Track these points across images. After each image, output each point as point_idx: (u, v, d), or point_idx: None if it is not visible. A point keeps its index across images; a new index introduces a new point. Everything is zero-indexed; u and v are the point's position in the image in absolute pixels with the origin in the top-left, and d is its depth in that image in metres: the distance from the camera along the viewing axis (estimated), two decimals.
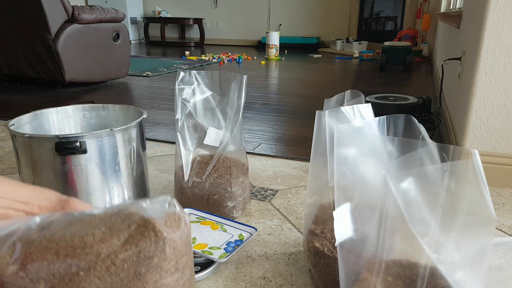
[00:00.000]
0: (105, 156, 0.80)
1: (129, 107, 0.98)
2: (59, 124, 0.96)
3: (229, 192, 0.96)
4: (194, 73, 0.97)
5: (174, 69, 3.74)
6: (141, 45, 6.65)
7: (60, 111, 0.96)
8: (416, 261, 0.54)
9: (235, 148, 0.97)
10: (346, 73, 3.74)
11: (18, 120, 0.86)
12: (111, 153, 0.81)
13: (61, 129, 0.97)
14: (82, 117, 0.99)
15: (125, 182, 0.85)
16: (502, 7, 1.10)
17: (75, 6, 2.58)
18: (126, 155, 0.84)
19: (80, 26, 2.59)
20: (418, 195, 0.51)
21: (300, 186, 1.20)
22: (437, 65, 3.24)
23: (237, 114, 0.95)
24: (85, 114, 0.99)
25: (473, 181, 0.49)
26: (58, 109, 0.96)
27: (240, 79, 0.94)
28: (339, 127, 0.58)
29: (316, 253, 0.71)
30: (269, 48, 4.88)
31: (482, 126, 1.21)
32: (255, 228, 0.87)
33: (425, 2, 5.04)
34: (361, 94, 0.77)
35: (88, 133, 0.77)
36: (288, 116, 2.09)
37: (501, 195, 1.17)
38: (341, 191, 0.56)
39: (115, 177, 0.83)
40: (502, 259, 0.82)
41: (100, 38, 2.74)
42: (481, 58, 1.16)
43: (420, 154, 0.53)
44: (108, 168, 0.81)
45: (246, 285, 0.75)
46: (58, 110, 0.95)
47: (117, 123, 0.99)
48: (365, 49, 5.41)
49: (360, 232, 0.56)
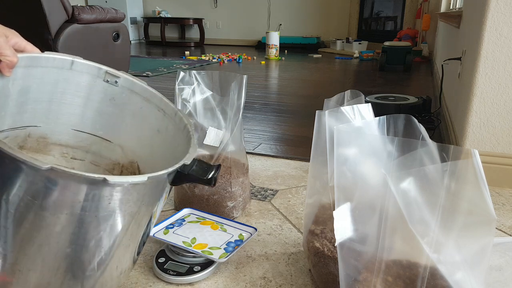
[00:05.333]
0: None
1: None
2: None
3: (229, 192, 0.96)
4: (194, 73, 0.97)
5: (174, 69, 3.74)
6: (141, 45, 6.66)
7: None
8: (416, 261, 0.54)
9: (235, 148, 0.97)
10: (346, 73, 3.74)
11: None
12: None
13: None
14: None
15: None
16: (502, 7, 1.10)
17: (75, 6, 2.58)
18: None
19: (80, 26, 2.59)
20: (418, 195, 0.51)
21: (300, 186, 1.20)
22: (437, 65, 3.24)
23: (237, 114, 0.95)
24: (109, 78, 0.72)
25: (473, 181, 0.49)
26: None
27: (240, 79, 0.94)
28: (339, 127, 0.58)
29: (316, 253, 0.71)
30: (269, 48, 4.88)
31: (482, 126, 1.21)
32: (255, 228, 0.87)
33: (425, 2, 5.04)
34: (361, 94, 0.77)
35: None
36: (288, 116, 2.09)
37: (501, 195, 1.17)
38: (341, 191, 0.56)
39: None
40: (502, 259, 0.82)
41: (100, 38, 2.74)
42: (481, 58, 1.16)
43: (420, 154, 0.53)
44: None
45: (246, 285, 0.75)
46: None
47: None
48: (365, 49, 5.41)
49: (360, 232, 0.56)
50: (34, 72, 0.63)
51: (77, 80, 0.68)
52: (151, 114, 0.71)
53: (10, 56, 0.56)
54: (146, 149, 0.73)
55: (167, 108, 0.70)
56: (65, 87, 0.68)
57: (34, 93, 0.65)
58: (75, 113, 0.72)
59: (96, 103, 0.72)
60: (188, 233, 0.84)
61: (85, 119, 0.73)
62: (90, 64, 0.68)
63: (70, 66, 0.66)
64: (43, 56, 0.63)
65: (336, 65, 4.31)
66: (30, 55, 0.61)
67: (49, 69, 0.64)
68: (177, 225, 0.87)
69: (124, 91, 0.71)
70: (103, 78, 0.69)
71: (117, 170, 0.76)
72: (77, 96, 0.70)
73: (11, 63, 0.57)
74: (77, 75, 0.67)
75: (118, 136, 0.75)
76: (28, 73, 0.62)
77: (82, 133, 0.73)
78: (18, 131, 0.66)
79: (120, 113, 0.73)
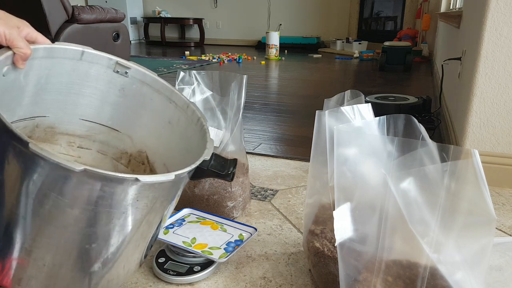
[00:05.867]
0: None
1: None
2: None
3: (229, 192, 0.96)
4: (194, 73, 0.97)
5: (174, 69, 3.74)
6: (141, 45, 6.66)
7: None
8: (416, 261, 0.54)
9: (235, 148, 0.97)
10: (346, 73, 3.74)
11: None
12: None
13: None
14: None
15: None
16: (502, 7, 1.10)
17: (75, 6, 2.58)
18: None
19: (80, 26, 2.59)
20: (418, 195, 0.51)
21: (300, 186, 1.20)
22: (437, 65, 3.24)
23: (237, 114, 0.95)
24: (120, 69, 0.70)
25: (473, 181, 0.49)
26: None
27: (240, 79, 0.94)
28: (339, 127, 0.58)
29: (316, 253, 0.71)
30: (269, 48, 4.88)
31: (482, 126, 1.21)
32: (255, 228, 0.87)
33: (425, 2, 5.04)
34: (361, 94, 0.77)
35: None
36: (288, 116, 2.09)
37: (501, 195, 1.17)
38: (341, 191, 0.56)
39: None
40: (502, 259, 0.82)
41: (100, 38, 2.73)
42: (481, 58, 1.16)
43: (420, 154, 0.53)
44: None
45: (246, 285, 0.75)
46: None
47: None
48: (365, 49, 5.41)
49: (360, 232, 0.56)
50: (45, 63, 0.63)
51: (86, 70, 0.68)
52: (162, 105, 0.71)
53: (23, 48, 0.56)
54: (156, 140, 0.73)
55: (179, 100, 0.70)
56: (75, 77, 0.68)
57: (44, 84, 0.65)
58: (84, 103, 0.72)
59: (105, 93, 0.72)
60: (188, 233, 0.84)
61: (93, 109, 0.73)
62: (100, 54, 0.68)
63: (80, 57, 0.66)
64: (55, 47, 0.63)
65: (336, 65, 4.31)
66: (43, 46, 0.61)
67: (60, 60, 0.64)
68: (177, 225, 0.87)
69: (135, 82, 0.71)
70: (113, 68, 0.69)
71: (125, 159, 0.76)
72: (86, 86, 0.70)
73: (24, 55, 0.56)
74: (87, 65, 0.68)
75: (127, 126, 0.75)
76: (40, 64, 0.62)
77: (90, 123, 0.74)
78: (27, 121, 0.66)
79: (129, 103, 0.73)
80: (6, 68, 0.56)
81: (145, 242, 0.58)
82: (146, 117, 0.73)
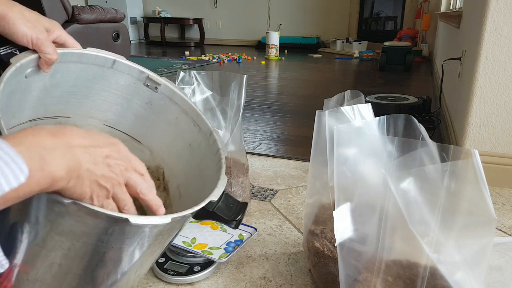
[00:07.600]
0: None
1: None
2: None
3: (229, 192, 0.96)
4: (194, 73, 0.97)
5: (174, 69, 3.74)
6: (141, 45, 6.66)
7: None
8: (416, 261, 0.54)
9: (235, 148, 0.97)
10: (346, 73, 3.74)
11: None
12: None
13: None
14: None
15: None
16: (502, 7, 1.10)
17: (75, 6, 2.58)
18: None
19: (80, 26, 2.59)
20: (418, 195, 0.51)
21: (300, 186, 1.20)
22: (437, 65, 3.24)
23: (237, 114, 0.95)
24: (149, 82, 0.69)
25: (473, 181, 0.49)
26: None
27: (240, 79, 0.94)
28: (339, 127, 0.58)
29: (316, 253, 0.71)
30: (269, 48, 4.88)
31: (482, 126, 1.21)
32: (255, 228, 0.87)
33: (425, 2, 5.04)
34: (361, 94, 0.77)
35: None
36: (288, 116, 2.09)
37: (501, 195, 1.17)
38: (341, 191, 0.56)
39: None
40: (502, 259, 0.82)
41: (100, 38, 2.73)
42: (481, 58, 1.16)
43: (420, 154, 0.53)
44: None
45: (246, 285, 0.75)
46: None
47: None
48: (365, 49, 5.41)
49: (360, 232, 0.56)
50: (73, 67, 0.62)
51: (116, 79, 0.68)
52: (186, 126, 0.71)
53: (50, 54, 0.55)
54: (175, 159, 0.72)
55: (203, 125, 0.69)
56: (103, 84, 0.67)
57: (70, 87, 0.64)
58: (109, 110, 0.71)
59: (132, 103, 0.71)
60: (188, 233, 0.84)
61: (118, 116, 0.72)
62: (132, 65, 0.67)
63: (111, 65, 0.66)
64: (84, 53, 0.62)
65: (336, 65, 4.31)
66: (71, 51, 0.60)
67: (89, 66, 0.64)
68: None
69: (163, 98, 0.70)
70: (143, 81, 0.69)
71: None
72: (114, 94, 0.69)
73: (50, 60, 0.56)
74: (118, 74, 0.67)
75: (149, 139, 0.74)
76: (68, 68, 0.61)
77: (113, 129, 0.73)
78: (49, 120, 0.66)
79: (155, 118, 0.72)
80: (30, 70, 0.55)
81: (144, 269, 0.57)
82: (169, 134, 0.72)
